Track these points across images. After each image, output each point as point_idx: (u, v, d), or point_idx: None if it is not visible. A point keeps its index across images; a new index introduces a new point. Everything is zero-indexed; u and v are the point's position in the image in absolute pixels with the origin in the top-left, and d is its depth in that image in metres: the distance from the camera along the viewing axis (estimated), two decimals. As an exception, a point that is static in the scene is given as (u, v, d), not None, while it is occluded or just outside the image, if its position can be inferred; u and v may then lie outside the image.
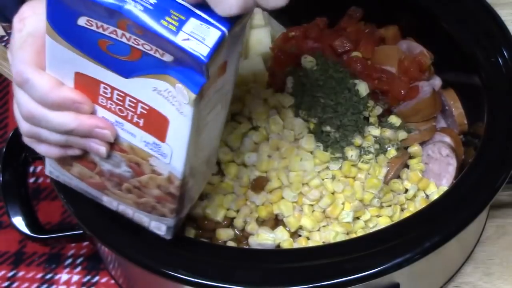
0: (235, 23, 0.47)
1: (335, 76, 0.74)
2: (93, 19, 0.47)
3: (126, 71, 0.49)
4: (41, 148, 0.56)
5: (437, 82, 0.79)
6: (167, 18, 0.45)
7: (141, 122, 0.51)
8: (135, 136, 0.53)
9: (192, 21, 0.45)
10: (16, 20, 0.53)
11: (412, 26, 0.80)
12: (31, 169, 0.86)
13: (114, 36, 0.47)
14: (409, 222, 0.64)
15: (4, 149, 0.74)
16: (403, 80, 0.76)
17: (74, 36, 0.49)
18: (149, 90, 0.49)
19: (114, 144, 0.54)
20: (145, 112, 0.51)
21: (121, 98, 0.51)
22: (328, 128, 0.71)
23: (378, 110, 0.74)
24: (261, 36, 0.81)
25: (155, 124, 0.51)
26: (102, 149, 0.54)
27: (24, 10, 0.53)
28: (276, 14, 0.85)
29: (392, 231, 0.63)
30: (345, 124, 0.71)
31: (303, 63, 0.75)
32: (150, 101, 0.50)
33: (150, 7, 0.45)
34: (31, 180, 0.86)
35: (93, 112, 0.53)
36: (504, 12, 0.78)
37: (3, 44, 0.94)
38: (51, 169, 0.61)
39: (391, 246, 0.61)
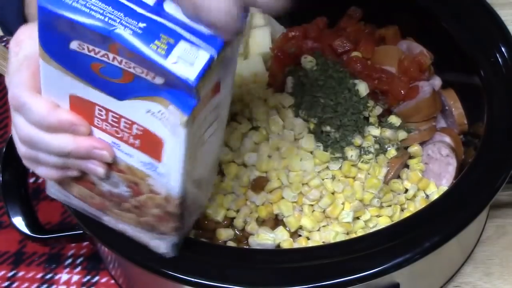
0: (224, 46, 0.47)
1: (335, 76, 0.74)
2: (84, 43, 0.47)
3: (120, 93, 0.49)
4: (40, 171, 0.56)
5: (437, 82, 0.79)
6: (156, 42, 0.45)
7: (137, 143, 0.52)
8: (132, 157, 0.53)
9: (182, 45, 0.46)
10: (13, 43, 0.53)
11: (412, 26, 0.80)
12: (31, 169, 0.86)
13: (106, 60, 0.47)
14: (409, 222, 0.64)
15: (4, 149, 0.74)
16: (403, 80, 0.76)
17: (67, 60, 0.49)
18: (143, 112, 0.49)
19: (112, 165, 0.54)
20: (140, 133, 0.51)
21: (116, 120, 0.51)
22: (328, 128, 0.71)
23: (378, 110, 0.74)
24: (261, 36, 0.81)
25: (151, 144, 0.51)
26: (100, 170, 0.54)
27: (20, 33, 0.53)
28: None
29: (392, 231, 0.63)
30: (345, 124, 0.71)
31: (303, 63, 0.75)
32: (145, 123, 0.50)
33: (139, 31, 0.45)
34: (31, 180, 0.86)
35: (90, 134, 0.53)
36: (504, 12, 0.78)
37: (3, 44, 0.94)
38: (52, 189, 0.61)
39: (391, 246, 0.61)
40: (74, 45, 0.47)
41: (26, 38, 0.52)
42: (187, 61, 0.45)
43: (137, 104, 0.49)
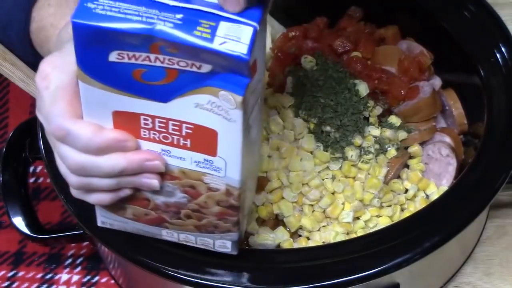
0: (262, 16, 0.47)
1: (335, 76, 0.74)
2: (124, 51, 0.47)
3: (164, 95, 0.49)
4: (92, 198, 0.55)
5: (437, 82, 0.79)
6: (199, 28, 0.45)
7: (188, 143, 0.51)
8: (185, 159, 0.52)
9: (223, 25, 0.46)
10: (39, 78, 0.52)
11: (412, 26, 0.80)
12: (31, 169, 0.86)
13: (147, 63, 0.47)
14: (409, 222, 0.64)
15: (4, 149, 0.74)
16: (403, 80, 0.76)
17: (107, 74, 0.48)
18: (190, 108, 0.49)
19: (164, 174, 0.53)
20: (190, 131, 0.50)
21: (163, 125, 0.50)
22: (328, 128, 0.71)
23: (378, 110, 0.74)
24: (261, 36, 0.81)
25: (203, 140, 0.50)
26: (155, 182, 0.53)
27: (45, 67, 0.52)
28: (276, 14, 0.85)
29: (392, 231, 0.63)
30: (345, 124, 0.71)
31: (303, 63, 0.75)
32: (194, 119, 0.49)
33: (179, 21, 0.45)
34: (31, 180, 0.86)
35: (137, 148, 0.52)
36: (504, 12, 0.78)
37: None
38: (103, 219, 0.59)
39: (391, 246, 0.61)
40: (113, 56, 0.47)
41: (51, 70, 0.52)
42: (234, 38, 0.45)
43: (183, 102, 0.48)
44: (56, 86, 0.52)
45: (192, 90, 0.48)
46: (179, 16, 0.46)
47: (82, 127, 0.51)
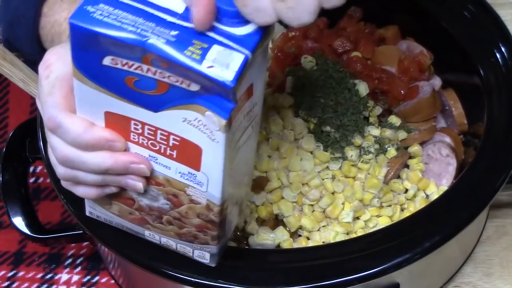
0: (257, 45, 0.47)
1: (335, 76, 0.74)
2: (117, 57, 0.47)
3: (155, 105, 0.49)
4: (79, 190, 0.56)
5: (437, 82, 0.79)
6: (190, 48, 0.45)
7: (174, 153, 0.51)
8: (170, 168, 0.53)
9: (215, 48, 0.46)
10: (42, 67, 0.53)
11: (412, 26, 0.80)
12: (31, 169, 0.86)
13: (139, 72, 0.47)
14: (409, 222, 0.64)
15: (4, 149, 0.74)
16: (403, 80, 0.76)
17: (101, 76, 0.49)
18: (179, 121, 0.49)
19: (150, 179, 0.54)
20: (177, 143, 0.50)
21: (152, 133, 0.51)
22: (328, 128, 0.71)
23: (378, 110, 0.74)
24: (261, 36, 0.81)
25: (189, 154, 0.51)
26: (139, 184, 0.54)
27: (49, 57, 0.53)
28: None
29: (392, 231, 0.63)
30: (345, 124, 0.71)
31: (303, 63, 0.75)
32: (181, 132, 0.50)
33: (172, 38, 0.45)
34: (31, 180, 0.86)
35: (126, 149, 0.53)
36: (504, 12, 0.78)
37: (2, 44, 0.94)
38: (91, 209, 0.60)
39: (391, 246, 0.61)
40: (107, 60, 0.47)
41: (55, 60, 0.52)
42: (223, 63, 0.45)
43: (172, 114, 0.49)
44: (55, 77, 0.52)
45: (181, 105, 0.48)
46: (174, 33, 0.46)
47: (74, 121, 0.52)
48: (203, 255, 0.59)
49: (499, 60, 0.71)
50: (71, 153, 0.53)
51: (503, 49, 0.72)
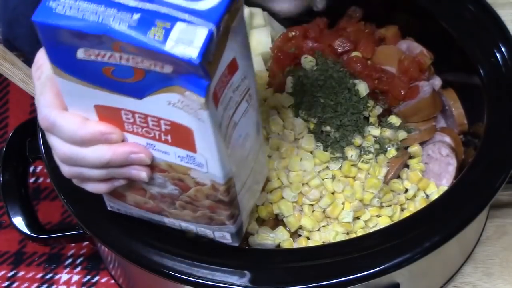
0: (222, 18, 0.46)
1: (335, 76, 0.74)
2: (89, 49, 0.47)
3: (138, 92, 0.49)
4: (89, 186, 0.56)
5: (437, 82, 0.79)
6: (153, 29, 0.45)
7: (169, 138, 0.51)
8: (169, 154, 0.53)
9: (178, 26, 0.45)
10: (34, 68, 0.54)
11: (412, 26, 0.80)
12: (31, 169, 0.86)
13: (114, 61, 0.47)
14: (409, 222, 0.64)
15: (4, 149, 0.74)
16: (403, 80, 0.76)
17: (79, 70, 0.49)
18: (165, 105, 0.49)
19: (153, 167, 0.54)
20: (169, 127, 0.50)
21: (143, 120, 0.51)
22: (328, 128, 0.71)
23: (378, 110, 0.74)
24: (261, 36, 0.81)
25: (182, 137, 0.50)
26: (143, 173, 0.54)
27: (39, 57, 0.54)
28: (277, 14, 0.85)
29: (392, 231, 0.64)
30: (345, 124, 0.71)
31: (303, 63, 0.75)
32: (170, 116, 0.50)
33: (134, 23, 0.45)
34: (31, 180, 0.86)
35: (123, 140, 0.53)
36: (504, 12, 0.78)
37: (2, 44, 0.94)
38: (110, 203, 0.61)
39: (391, 246, 0.61)
40: (80, 54, 0.47)
41: (45, 60, 0.52)
42: (186, 41, 0.45)
43: (157, 99, 0.49)
44: (46, 77, 0.53)
45: (162, 89, 0.48)
46: (136, 16, 0.45)
47: (67, 119, 0.52)
48: (224, 236, 0.59)
49: (499, 60, 0.71)
50: (70, 150, 0.53)
51: (503, 49, 0.72)
